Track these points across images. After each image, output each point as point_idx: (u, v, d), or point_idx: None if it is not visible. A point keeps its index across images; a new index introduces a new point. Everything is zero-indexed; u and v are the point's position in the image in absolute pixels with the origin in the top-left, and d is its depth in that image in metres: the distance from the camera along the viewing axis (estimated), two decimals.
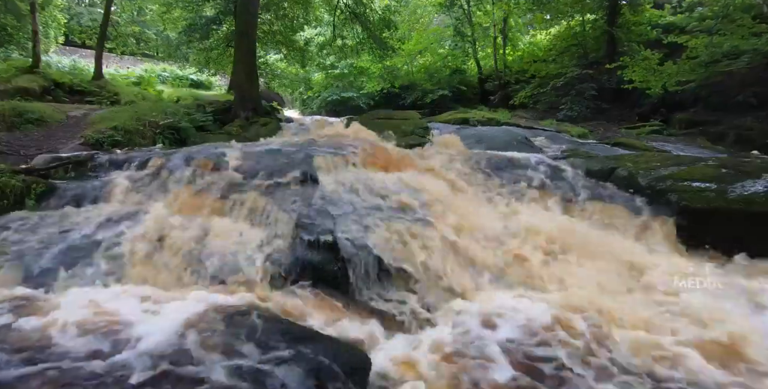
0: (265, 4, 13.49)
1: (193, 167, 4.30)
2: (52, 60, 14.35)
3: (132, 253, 3.00)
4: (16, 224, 3.30)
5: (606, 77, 11.90)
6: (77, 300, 2.46)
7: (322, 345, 1.94)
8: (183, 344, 1.89)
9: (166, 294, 2.59)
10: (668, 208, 3.85)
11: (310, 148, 4.87)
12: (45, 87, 9.67)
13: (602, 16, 12.95)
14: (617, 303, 2.70)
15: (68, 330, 2.02)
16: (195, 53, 15.19)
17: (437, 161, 5.19)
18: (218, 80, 19.49)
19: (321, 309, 2.62)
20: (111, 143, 5.68)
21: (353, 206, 3.51)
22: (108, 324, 2.12)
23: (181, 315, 2.13)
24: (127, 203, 3.83)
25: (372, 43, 14.42)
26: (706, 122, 9.07)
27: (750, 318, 2.53)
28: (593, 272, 3.16)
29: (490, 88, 16.42)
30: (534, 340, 2.26)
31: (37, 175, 4.09)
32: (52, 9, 13.58)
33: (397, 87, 17.94)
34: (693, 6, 10.94)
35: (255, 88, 9.86)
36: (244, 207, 3.61)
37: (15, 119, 6.33)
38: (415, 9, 18.95)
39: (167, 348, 1.86)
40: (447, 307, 2.73)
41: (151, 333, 1.98)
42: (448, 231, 3.37)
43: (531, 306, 2.61)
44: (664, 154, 6.06)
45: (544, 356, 2.13)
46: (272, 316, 2.29)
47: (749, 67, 8.43)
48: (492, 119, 10.72)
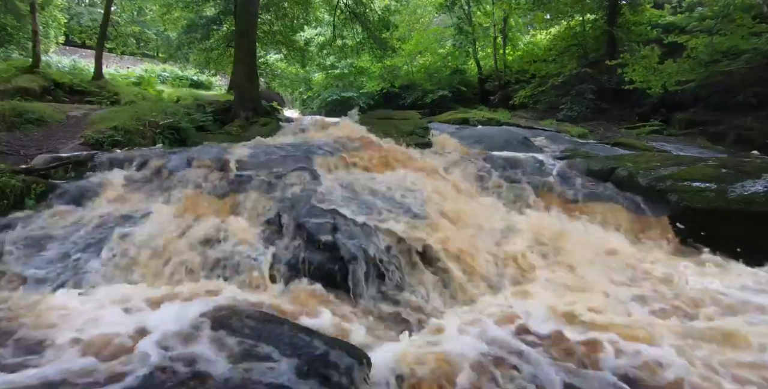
0: (265, 4, 13.49)
1: (194, 166, 4.31)
2: (52, 60, 14.34)
3: (132, 253, 3.01)
4: (16, 224, 3.30)
5: (606, 77, 11.89)
6: (77, 300, 2.46)
7: (323, 344, 1.94)
8: (184, 343, 1.89)
9: (168, 294, 2.59)
10: (668, 208, 3.85)
11: (310, 148, 4.88)
12: (45, 87, 9.67)
13: (602, 16, 12.94)
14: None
15: (69, 333, 2.03)
16: (195, 53, 15.19)
17: (437, 160, 5.20)
18: (218, 80, 19.48)
19: (321, 308, 2.62)
20: (111, 143, 5.68)
21: (354, 206, 3.51)
22: (107, 325, 2.13)
23: (182, 315, 2.13)
24: (127, 203, 3.83)
25: (372, 43, 14.42)
26: (706, 122, 9.06)
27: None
28: (592, 274, 3.16)
29: (490, 88, 16.41)
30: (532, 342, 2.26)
31: (37, 175, 4.08)
32: (52, 9, 13.57)
33: (397, 87, 17.93)
34: (693, 6, 10.93)
35: (255, 88, 9.85)
36: (245, 207, 3.61)
37: (15, 119, 6.32)
38: (415, 9, 18.93)
39: (168, 347, 1.86)
40: (448, 307, 2.73)
41: (152, 333, 1.98)
42: (448, 231, 3.37)
43: (532, 308, 2.61)
44: (664, 154, 6.06)
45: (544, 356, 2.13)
46: (272, 315, 2.29)
47: (749, 67, 8.42)
48: (492, 119, 10.71)
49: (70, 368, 1.74)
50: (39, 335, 2.03)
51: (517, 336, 2.30)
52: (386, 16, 14.21)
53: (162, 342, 1.89)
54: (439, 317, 2.62)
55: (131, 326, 2.07)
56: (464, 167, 5.11)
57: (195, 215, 3.56)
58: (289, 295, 2.74)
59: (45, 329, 2.09)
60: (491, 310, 2.60)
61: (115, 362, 1.78)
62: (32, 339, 2.00)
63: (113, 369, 1.73)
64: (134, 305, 2.40)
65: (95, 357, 1.83)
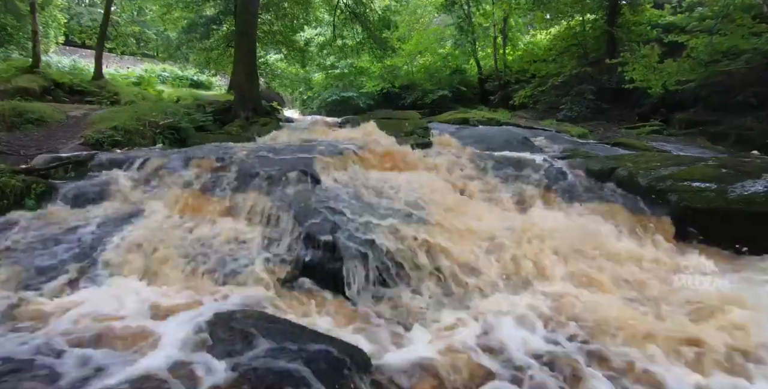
0: (265, 4, 13.49)
1: (194, 166, 4.31)
2: (52, 60, 14.34)
3: (131, 253, 3.00)
4: (16, 224, 3.30)
5: (606, 77, 11.89)
6: (77, 300, 2.46)
7: (322, 344, 1.94)
8: (184, 343, 1.89)
9: (168, 294, 2.59)
10: (668, 208, 3.85)
11: (310, 148, 4.87)
12: (45, 87, 9.67)
13: (602, 16, 12.94)
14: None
15: (67, 334, 2.02)
16: (195, 53, 15.19)
17: (438, 160, 5.19)
18: (218, 80, 19.49)
19: (321, 309, 2.62)
20: (111, 143, 5.68)
21: (353, 206, 3.51)
22: (107, 325, 2.13)
23: (181, 315, 2.13)
24: (127, 202, 3.83)
25: (372, 43, 14.42)
26: (706, 122, 9.05)
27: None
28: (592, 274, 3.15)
29: (490, 88, 16.41)
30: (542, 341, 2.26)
31: (37, 175, 4.08)
32: (52, 9, 13.57)
33: (397, 87, 17.93)
34: (693, 6, 10.93)
35: (255, 88, 9.86)
36: (245, 207, 3.61)
37: (15, 119, 6.32)
38: (415, 9, 18.93)
39: (166, 347, 1.86)
40: (448, 308, 2.73)
41: (151, 333, 1.98)
42: (449, 231, 3.37)
43: (533, 309, 2.61)
44: (664, 154, 6.06)
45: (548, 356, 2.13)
46: (272, 316, 2.29)
47: (749, 67, 8.42)
48: (492, 119, 10.71)
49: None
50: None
51: (526, 335, 2.30)
52: (387, 15, 14.22)
53: (161, 342, 1.89)
54: (440, 317, 2.62)
55: (129, 325, 2.07)
56: (464, 166, 5.11)
57: (194, 215, 3.56)
58: (288, 295, 2.74)
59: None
60: (491, 310, 2.60)
61: (112, 360, 1.78)
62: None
63: (101, 368, 1.73)
64: (134, 305, 2.40)
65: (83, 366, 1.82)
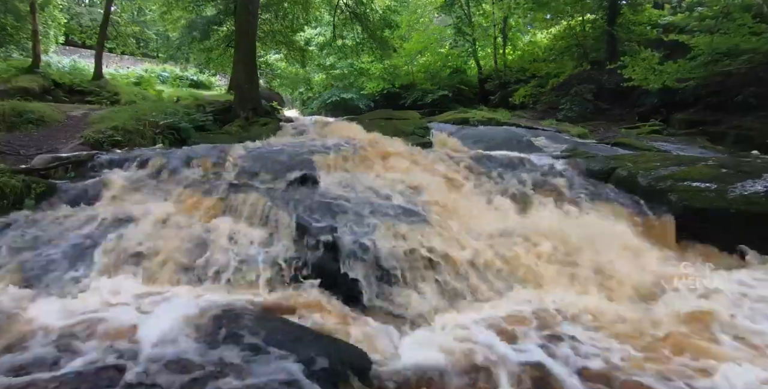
0: (265, 4, 13.49)
1: (194, 166, 4.30)
2: (52, 60, 14.34)
3: (130, 253, 3.00)
4: (16, 224, 3.30)
5: (606, 77, 11.90)
6: (76, 300, 2.46)
7: (323, 344, 1.94)
8: (183, 343, 1.89)
9: (167, 294, 2.59)
10: (668, 208, 3.85)
11: (310, 148, 4.87)
12: (45, 87, 9.68)
13: (602, 16, 12.95)
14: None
15: (58, 333, 2.02)
16: (195, 53, 15.20)
17: (438, 160, 5.19)
18: (218, 80, 19.50)
19: (321, 309, 2.61)
20: (111, 142, 5.68)
21: (353, 206, 3.51)
22: (106, 324, 2.12)
23: (181, 315, 2.13)
24: (127, 202, 3.82)
25: (372, 43, 14.42)
26: (706, 122, 9.05)
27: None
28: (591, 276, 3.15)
29: (490, 88, 16.41)
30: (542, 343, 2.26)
31: (37, 175, 4.08)
32: (52, 9, 13.57)
33: (397, 87, 17.95)
34: (693, 6, 10.92)
35: (255, 88, 9.85)
36: (245, 207, 3.60)
37: (15, 119, 6.32)
38: (415, 9, 18.95)
39: (166, 347, 1.86)
40: (449, 308, 2.73)
41: (151, 332, 1.98)
42: (449, 231, 3.36)
43: (533, 310, 2.61)
44: (664, 154, 6.06)
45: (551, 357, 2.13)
46: (272, 316, 2.29)
47: (749, 67, 8.42)
48: (492, 118, 10.70)
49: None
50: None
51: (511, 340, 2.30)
52: (388, 15, 14.22)
53: (153, 342, 1.88)
54: (440, 318, 2.62)
55: (128, 325, 2.07)
56: (464, 166, 5.10)
57: (194, 214, 3.56)
58: (288, 295, 2.74)
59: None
60: (492, 310, 2.60)
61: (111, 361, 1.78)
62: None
63: (100, 368, 1.72)
64: (133, 305, 2.40)
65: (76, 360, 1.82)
